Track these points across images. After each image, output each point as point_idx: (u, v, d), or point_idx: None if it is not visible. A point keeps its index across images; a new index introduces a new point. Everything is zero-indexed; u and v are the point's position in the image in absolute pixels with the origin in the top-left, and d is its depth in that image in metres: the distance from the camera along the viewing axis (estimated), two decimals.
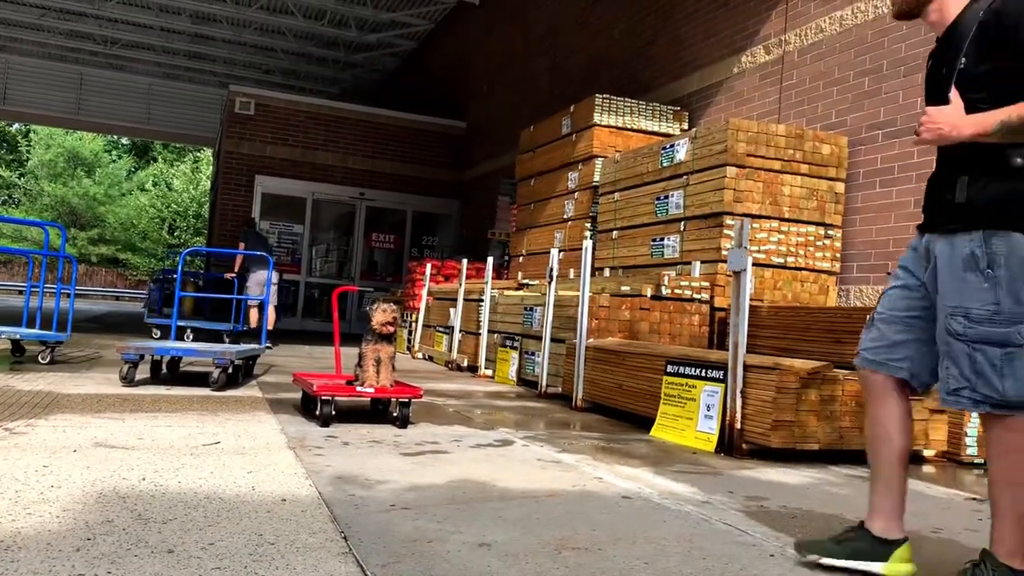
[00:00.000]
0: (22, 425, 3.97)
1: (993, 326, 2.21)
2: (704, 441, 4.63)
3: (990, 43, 2.25)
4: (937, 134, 2.28)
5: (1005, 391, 2.19)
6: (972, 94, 2.26)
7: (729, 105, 9.03)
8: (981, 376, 2.22)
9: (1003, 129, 2.18)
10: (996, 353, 2.20)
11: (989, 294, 2.22)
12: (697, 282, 6.97)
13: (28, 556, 2.11)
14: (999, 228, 2.23)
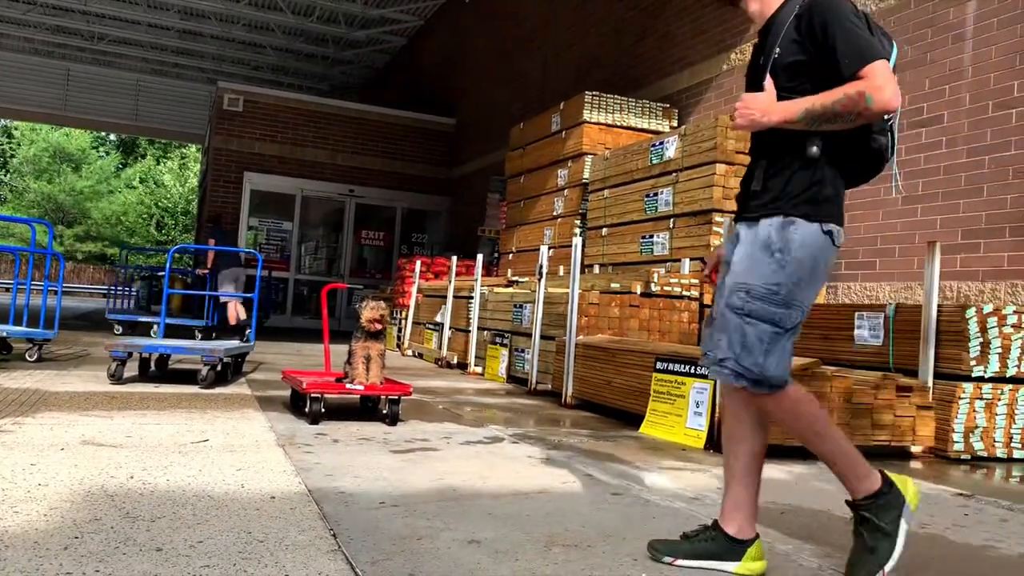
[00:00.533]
0: (9, 423, 3.95)
1: (769, 304, 2.27)
2: (693, 438, 4.64)
3: (802, 36, 2.32)
4: (749, 119, 2.34)
5: (765, 367, 2.26)
6: (785, 83, 2.34)
7: (718, 102, 9.05)
8: (747, 349, 2.28)
9: (807, 116, 2.24)
10: (766, 330, 2.27)
11: (774, 275, 2.28)
12: (687, 279, 6.99)
13: (15, 555, 2.10)
14: (794, 215, 2.30)
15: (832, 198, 2.33)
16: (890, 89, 2.18)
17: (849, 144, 2.32)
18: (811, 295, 2.32)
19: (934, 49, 6.54)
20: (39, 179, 41.34)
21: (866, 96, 2.17)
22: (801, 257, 2.27)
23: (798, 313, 2.29)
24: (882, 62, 2.21)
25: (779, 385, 2.29)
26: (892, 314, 5.18)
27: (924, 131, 6.55)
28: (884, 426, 4.54)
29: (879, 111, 2.20)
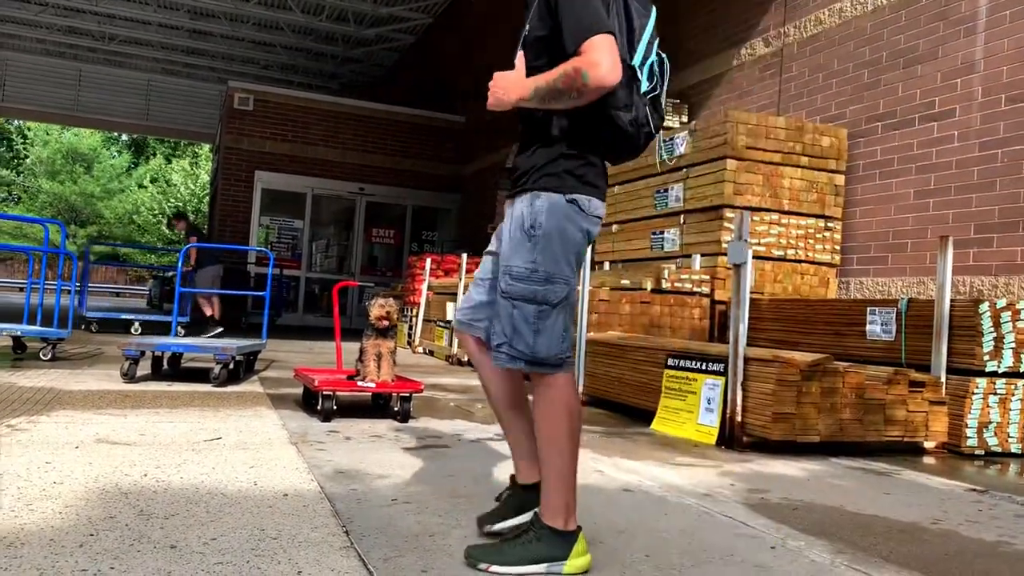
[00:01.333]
0: (24, 422, 3.98)
1: (529, 284, 2.23)
2: (705, 434, 4.63)
3: (546, 11, 2.27)
4: (495, 98, 2.32)
5: (536, 348, 2.22)
6: (532, 60, 2.32)
7: (729, 98, 9.02)
8: (517, 332, 2.24)
9: (536, 95, 2.22)
10: (531, 310, 2.23)
11: (529, 253, 2.24)
12: (697, 275, 6.97)
13: (31, 552, 2.12)
14: (537, 189, 2.26)
15: (575, 171, 2.26)
16: (606, 65, 2.09)
17: (591, 121, 2.25)
18: (570, 266, 2.27)
19: (946, 42, 6.50)
20: (52, 180, 41.58)
21: (582, 72, 2.10)
22: (549, 229, 2.23)
23: (562, 287, 2.24)
24: (602, 37, 2.12)
25: (555, 364, 2.24)
26: (904, 309, 5.16)
27: (936, 125, 6.51)
28: (896, 422, 4.52)
29: (595, 87, 2.11)
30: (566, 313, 2.26)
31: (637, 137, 2.28)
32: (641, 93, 2.25)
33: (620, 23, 2.25)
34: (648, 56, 2.28)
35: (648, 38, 2.29)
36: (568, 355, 2.28)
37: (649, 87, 2.27)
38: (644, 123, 2.27)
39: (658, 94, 2.32)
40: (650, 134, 2.30)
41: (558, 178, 2.25)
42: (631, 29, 2.27)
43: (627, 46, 2.24)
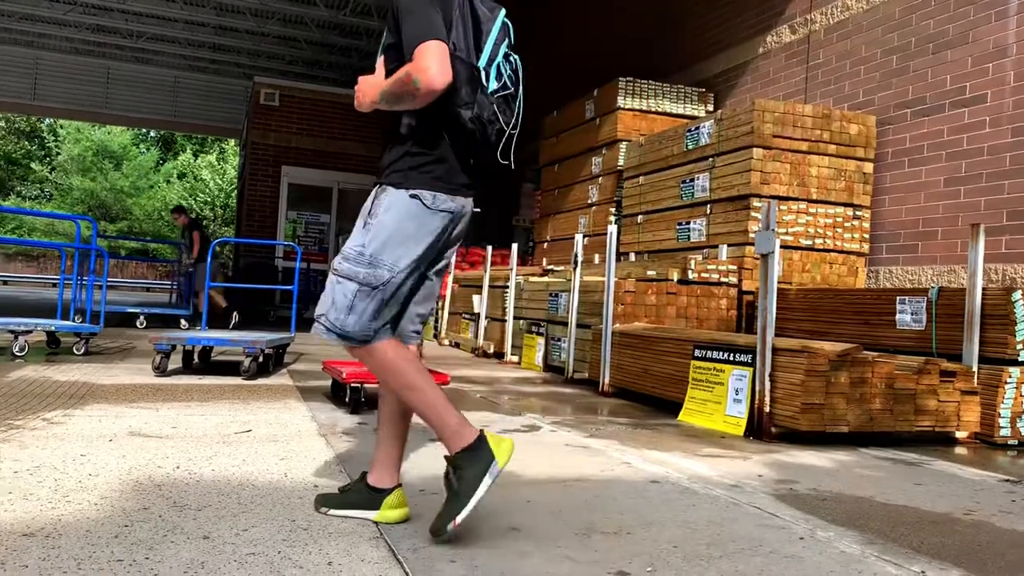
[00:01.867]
0: (59, 415, 4.05)
1: (355, 264, 2.38)
2: (733, 425, 4.61)
3: (393, 20, 2.43)
4: (357, 100, 2.50)
5: (346, 323, 2.37)
6: (388, 64, 2.45)
7: (755, 86, 8.95)
8: (334, 306, 2.39)
9: (383, 98, 2.38)
10: (351, 288, 2.37)
11: (362, 237, 2.40)
12: (724, 265, 6.93)
13: (69, 543, 2.16)
14: (386, 183, 2.43)
15: (421, 167, 2.40)
16: (434, 69, 2.23)
17: (435, 119, 2.38)
18: (404, 256, 2.39)
19: (977, 27, 6.39)
20: (83, 177, 42.15)
21: (413, 77, 2.25)
22: (384, 220, 2.38)
23: (385, 273, 2.37)
24: (431, 43, 2.25)
25: (362, 340, 2.39)
26: (935, 298, 5.10)
27: (967, 111, 6.41)
28: (928, 412, 4.47)
29: (426, 91, 2.24)
30: (383, 297, 2.39)
31: (484, 134, 2.37)
32: (488, 92, 2.36)
33: (466, 25, 2.37)
34: (495, 56, 2.39)
35: (495, 39, 2.40)
36: (379, 333, 2.42)
37: (498, 86, 2.39)
38: (492, 120, 2.37)
39: (511, 93, 2.44)
40: (502, 131, 2.41)
41: (403, 175, 2.41)
42: (477, 32, 2.39)
43: (473, 47, 2.37)
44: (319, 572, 2.04)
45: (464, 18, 2.38)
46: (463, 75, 2.31)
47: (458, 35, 2.35)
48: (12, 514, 2.39)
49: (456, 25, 2.35)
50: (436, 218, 2.42)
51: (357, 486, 2.59)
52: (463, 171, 2.48)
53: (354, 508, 2.54)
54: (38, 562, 2.01)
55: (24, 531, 2.24)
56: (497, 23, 2.43)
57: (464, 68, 2.32)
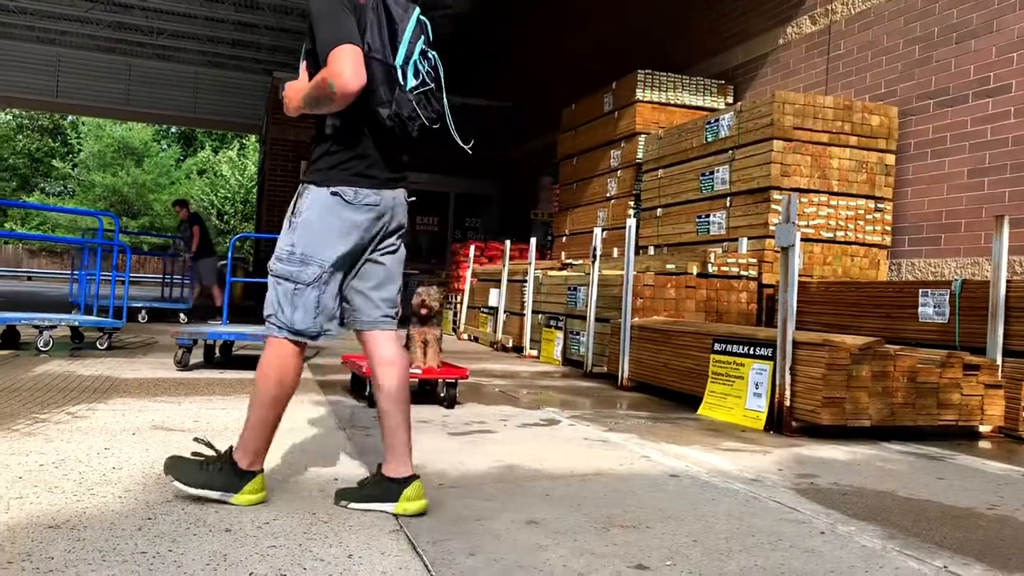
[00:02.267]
0: (83, 409, 4.10)
1: (287, 264, 2.52)
2: (753, 419, 4.59)
3: (309, 27, 2.51)
4: (286, 106, 2.58)
5: (295, 322, 2.52)
6: (310, 69, 2.53)
7: (775, 77, 8.88)
8: (280, 307, 2.53)
9: (305, 102, 2.47)
10: (289, 287, 2.52)
11: (289, 237, 2.53)
12: (744, 259, 6.89)
13: (93, 535, 2.19)
14: (310, 184, 2.54)
15: (342, 165, 2.51)
16: (347, 74, 2.33)
17: (356, 118, 2.49)
18: (330, 250, 2.50)
19: (1002, 15, 6.31)
20: (105, 173, 42.54)
21: (328, 82, 2.35)
22: (309, 217, 2.50)
23: (315, 268, 2.50)
24: (344, 47, 2.35)
25: (314, 336, 2.55)
26: (958, 290, 5.05)
27: (991, 101, 6.33)
28: (951, 405, 4.43)
29: (341, 95, 2.36)
30: (320, 291, 2.52)
31: (405, 131, 2.46)
32: (408, 89, 2.46)
33: (381, 26, 2.46)
34: (411, 54, 2.48)
35: (409, 38, 2.49)
36: (327, 328, 2.58)
37: (417, 82, 2.48)
38: (412, 116, 2.46)
39: (432, 89, 2.54)
40: (424, 126, 2.50)
41: (323, 173, 2.52)
42: (393, 31, 2.47)
43: (389, 47, 2.45)
44: (339, 565, 2.06)
45: (379, 19, 2.46)
46: (380, 75, 2.41)
47: (373, 36, 2.43)
48: (38, 506, 2.42)
49: (371, 26, 2.44)
50: (360, 213, 2.52)
51: (375, 479, 2.62)
52: (388, 166, 2.58)
53: (373, 501, 2.56)
54: (63, 554, 2.03)
55: (50, 523, 2.27)
56: (411, 22, 2.50)
57: (381, 68, 2.42)
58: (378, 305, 2.67)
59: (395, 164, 2.61)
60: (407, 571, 2.04)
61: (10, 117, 44.24)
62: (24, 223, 42.08)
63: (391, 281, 2.70)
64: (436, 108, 2.54)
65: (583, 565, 2.15)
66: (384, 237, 2.64)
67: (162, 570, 1.96)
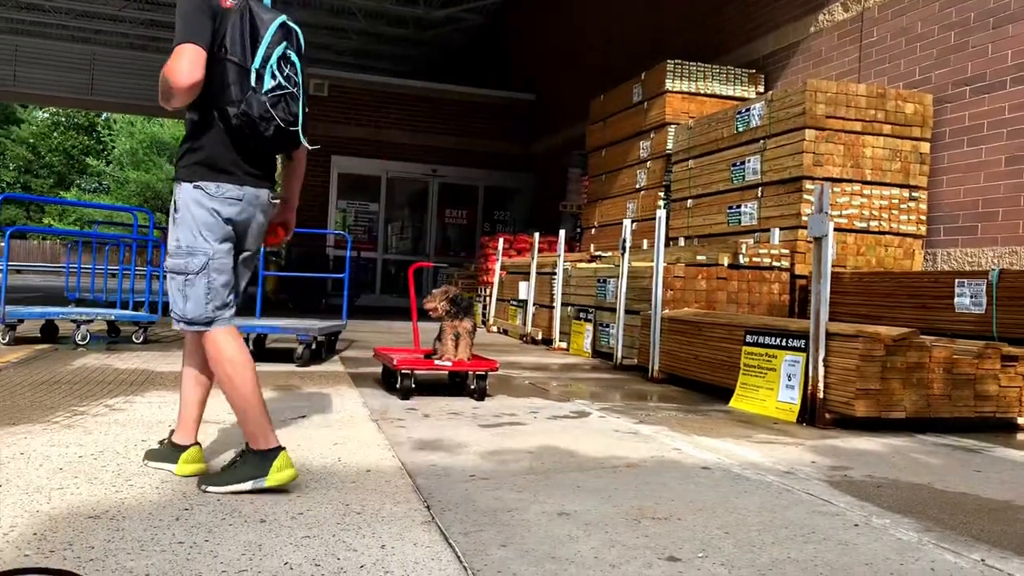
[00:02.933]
0: (121, 402, 4.17)
1: (176, 258, 2.68)
2: (785, 411, 4.56)
3: None
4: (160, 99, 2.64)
5: (187, 313, 2.69)
6: None
7: (806, 66, 8.76)
8: (175, 299, 2.71)
9: (160, 95, 2.59)
10: (180, 280, 2.68)
11: (174, 233, 2.69)
12: (776, 249, 6.83)
13: (132, 525, 2.23)
14: (178, 180, 2.69)
15: (203, 161, 2.65)
16: (181, 71, 2.49)
17: (209, 117, 2.63)
18: (209, 240, 2.66)
19: None
20: (137, 169, 43.15)
21: (166, 77, 2.51)
22: (184, 213, 2.66)
23: (200, 258, 2.66)
24: (185, 46, 2.52)
25: (205, 323, 2.69)
26: (995, 280, 4.96)
27: None
28: (988, 397, 4.36)
29: (177, 89, 2.51)
30: (209, 279, 2.67)
31: (256, 130, 2.59)
32: (263, 91, 2.58)
33: (243, 30, 2.60)
34: (269, 58, 2.60)
35: (268, 42, 2.62)
36: (219, 314, 2.71)
37: (274, 84, 2.60)
38: (265, 117, 2.58)
39: (290, 92, 2.65)
40: (280, 127, 2.61)
41: (187, 169, 2.67)
42: (255, 36, 2.61)
43: (249, 50, 2.59)
44: (372, 555, 2.08)
45: (242, 23, 2.60)
46: (232, 76, 2.57)
47: (233, 39, 2.58)
48: (78, 497, 2.47)
49: (232, 29, 2.59)
50: (225, 205, 2.67)
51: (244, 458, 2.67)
52: (249, 163, 2.71)
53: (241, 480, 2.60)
54: (103, 543, 2.08)
55: (90, 513, 2.32)
56: (273, 27, 2.64)
57: (235, 69, 2.57)
58: None
59: (257, 162, 2.74)
60: (439, 561, 2.05)
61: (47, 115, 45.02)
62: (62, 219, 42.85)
63: (241, 280, 2.90)
64: (293, 111, 2.65)
65: (615, 556, 2.15)
66: (251, 236, 2.82)
67: (199, 560, 1.99)
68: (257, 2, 2.69)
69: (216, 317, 2.70)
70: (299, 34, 2.75)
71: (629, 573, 2.03)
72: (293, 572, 1.94)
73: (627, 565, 2.09)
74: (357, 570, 1.97)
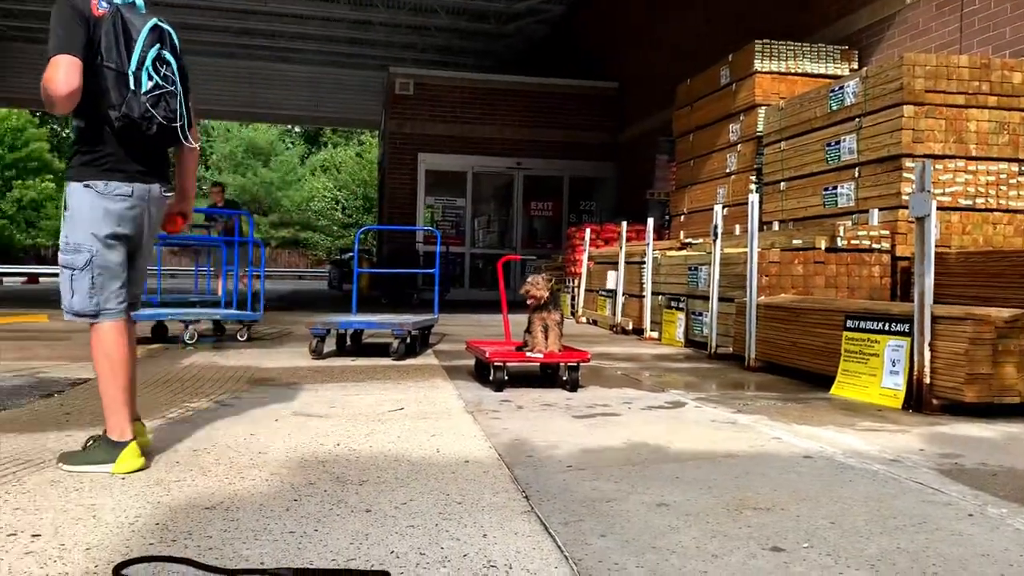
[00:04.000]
0: (229, 397, 4.36)
1: (65, 254, 2.85)
2: (890, 398, 4.41)
3: None
4: None
5: (73, 305, 2.87)
6: None
7: (903, 39, 8.42)
8: (64, 292, 2.87)
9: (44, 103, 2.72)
10: (68, 275, 2.85)
11: (64, 229, 2.85)
12: (876, 231, 6.60)
13: (246, 516, 2.34)
14: (68, 181, 2.86)
15: (91, 162, 2.82)
16: (56, 80, 2.65)
17: (93, 120, 2.80)
18: (95, 237, 2.82)
19: None
20: (235, 173, 44.78)
21: (45, 87, 2.67)
22: (72, 211, 2.83)
23: (85, 255, 2.82)
24: (59, 57, 2.67)
25: (92, 315, 2.86)
26: None
27: None
28: None
29: (56, 98, 2.67)
30: (94, 275, 2.84)
31: (139, 130, 2.76)
32: (143, 92, 2.75)
33: (117, 37, 2.75)
34: (143, 60, 2.76)
35: (142, 46, 2.77)
36: (105, 308, 2.87)
37: (151, 85, 2.77)
38: (146, 116, 2.75)
39: (169, 91, 2.82)
40: (162, 125, 2.79)
41: (76, 170, 2.84)
42: (128, 41, 2.76)
43: (125, 55, 2.75)
44: (475, 544, 2.12)
45: (115, 30, 2.75)
46: (111, 81, 2.73)
47: (109, 46, 2.74)
48: (195, 489, 2.60)
49: (106, 36, 2.74)
50: (114, 202, 2.84)
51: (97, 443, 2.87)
52: (137, 161, 2.88)
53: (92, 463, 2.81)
54: (220, 533, 2.18)
55: (206, 504, 2.43)
56: (145, 31, 2.79)
57: (112, 75, 2.73)
58: None
59: (144, 160, 2.90)
60: (541, 551, 2.08)
61: None
62: None
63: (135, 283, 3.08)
64: (172, 108, 2.83)
65: (717, 546, 2.13)
66: (149, 228, 3.00)
67: (310, 548, 2.07)
68: (128, 7, 2.84)
69: (101, 310, 2.87)
70: (172, 35, 2.91)
71: (732, 564, 2.01)
72: (399, 560, 1.99)
73: (730, 556, 2.07)
74: (461, 559, 2.01)
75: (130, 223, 2.90)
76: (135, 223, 2.93)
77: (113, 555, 1.99)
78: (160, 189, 2.99)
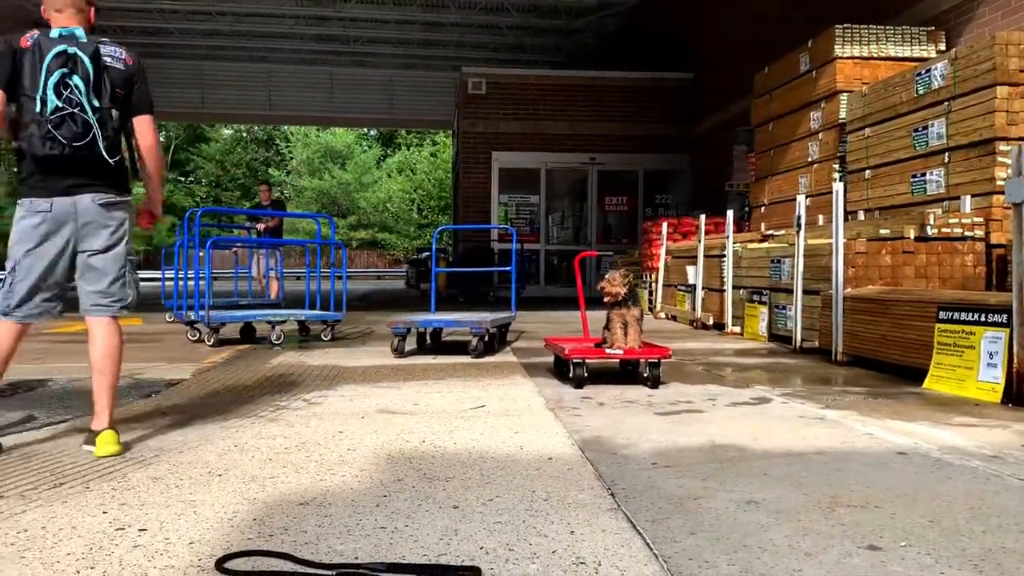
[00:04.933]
0: (316, 396, 4.47)
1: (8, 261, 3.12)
2: (988, 391, 4.24)
3: None
4: None
5: (10, 309, 3.15)
6: None
7: (994, 18, 8.06)
8: None
9: None
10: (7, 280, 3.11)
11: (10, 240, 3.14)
12: (968, 218, 6.34)
13: (338, 511, 2.40)
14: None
15: (25, 181, 3.11)
16: None
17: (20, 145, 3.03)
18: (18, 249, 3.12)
19: None
20: (313, 177, 45.79)
21: None
22: (14, 226, 3.14)
23: (10, 263, 3.13)
24: None
25: (3, 313, 3.14)
26: None
27: None
28: None
29: None
30: (11, 281, 3.13)
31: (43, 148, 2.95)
32: (48, 114, 2.93)
33: (33, 66, 2.96)
34: (47, 84, 2.94)
35: (46, 69, 2.95)
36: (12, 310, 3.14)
37: (54, 107, 2.94)
38: (49, 137, 2.94)
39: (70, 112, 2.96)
40: (63, 144, 2.96)
41: (19, 188, 3.15)
42: (42, 68, 2.95)
43: (36, 82, 2.95)
44: (563, 541, 2.13)
45: (32, 58, 2.97)
46: (28, 107, 2.97)
47: (27, 76, 2.97)
48: (288, 485, 2.67)
49: (27, 65, 2.97)
50: (35, 218, 3.11)
51: None
52: (61, 177, 3.08)
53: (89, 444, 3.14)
54: (315, 528, 2.24)
55: (300, 500, 2.50)
56: (49, 57, 2.96)
57: (29, 101, 2.97)
58: (89, 296, 3.22)
59: (67, 174, 3.08)
60: (629, 548, 2.07)
61: (230, 132, 48.61)
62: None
63: (101, 277, 3.22)
64: (75, 130, 2.98)
65: (810, 545, 2.09)
66: (88, 238, 3.17)
67: (401, 544, 2.11)
68: (45, 36, 3.02)
69: (7, 310, 3.14)
70: (84, 60, 3.02)
71: (827, 562, 1.97)
72: (488, 556, 2.02)
73: (824, 554, 2.02)
74: (549, 555, 2.02)
75: (57, 236, 3.14)
76: (65, 233, 3.14)
77: (215, 549, 2.07)
78: (92, 199, 3.16)
